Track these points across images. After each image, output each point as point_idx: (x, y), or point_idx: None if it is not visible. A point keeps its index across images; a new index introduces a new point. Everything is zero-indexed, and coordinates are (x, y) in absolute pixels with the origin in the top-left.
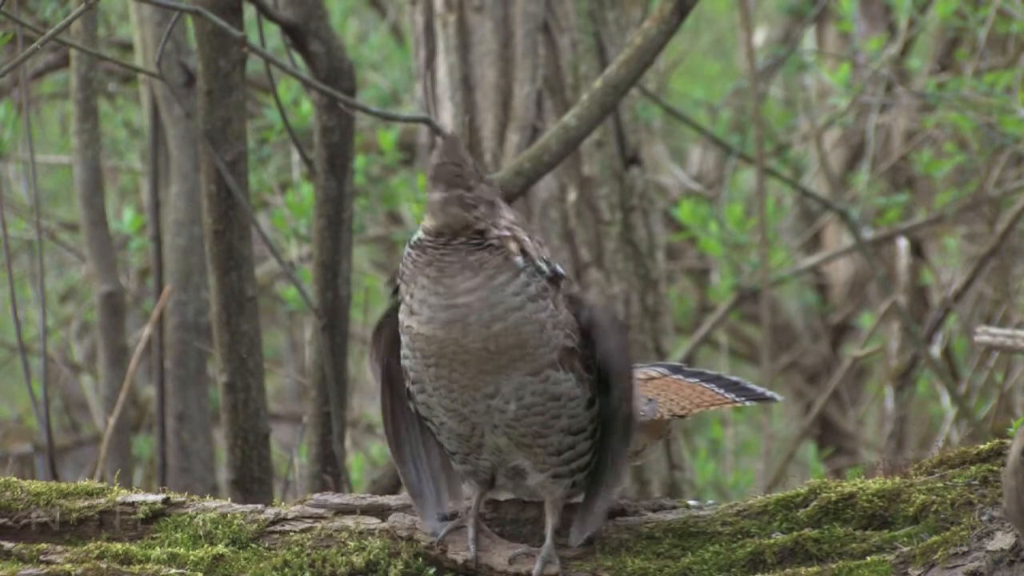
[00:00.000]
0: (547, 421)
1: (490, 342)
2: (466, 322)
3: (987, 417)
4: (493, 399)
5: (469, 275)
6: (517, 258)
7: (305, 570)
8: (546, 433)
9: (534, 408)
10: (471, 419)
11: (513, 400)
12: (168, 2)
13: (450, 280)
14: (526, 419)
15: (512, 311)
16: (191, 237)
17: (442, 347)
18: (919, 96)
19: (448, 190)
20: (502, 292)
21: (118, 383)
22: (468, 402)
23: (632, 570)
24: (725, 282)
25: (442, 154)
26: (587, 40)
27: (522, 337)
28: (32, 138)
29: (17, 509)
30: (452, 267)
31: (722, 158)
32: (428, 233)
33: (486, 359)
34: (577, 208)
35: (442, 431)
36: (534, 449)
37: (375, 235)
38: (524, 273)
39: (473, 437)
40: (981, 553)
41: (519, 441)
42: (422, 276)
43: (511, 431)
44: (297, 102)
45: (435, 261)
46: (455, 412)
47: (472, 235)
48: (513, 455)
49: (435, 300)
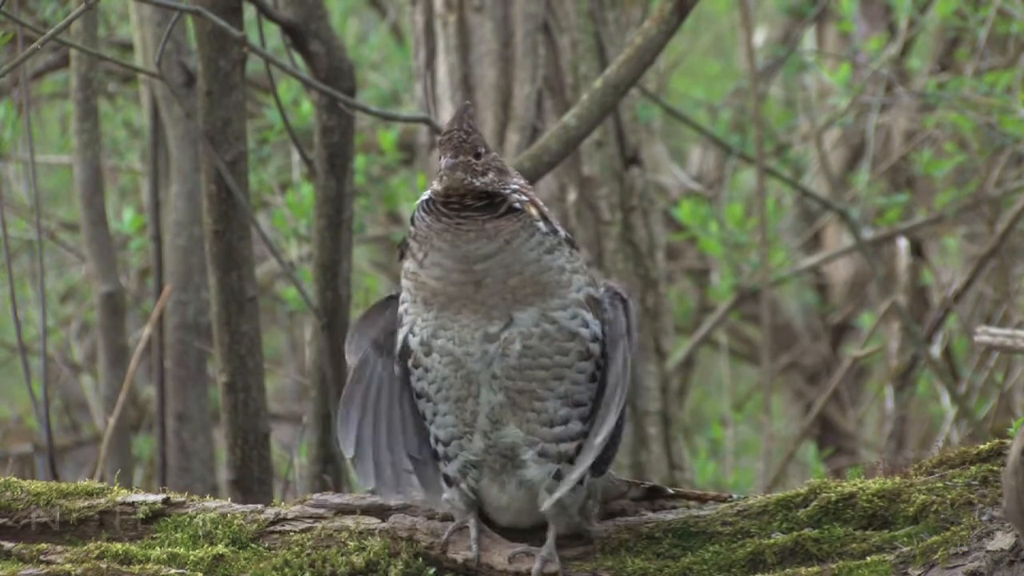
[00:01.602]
0: (549, 378)
1: (506, 293)
2: (481, 284)
3: (987, 417)
4: (495, 342)
5: (485, 242)
6: (540, 223)
7: (305, 570)
8: (544, 395)
9: (543, 345)
10: (467, 366)
11: (519, 340)
12: (168, 2)
13: (467, 247)
14: (528, 370)
15: (528, 264)
16: (191, 237)
17: (450, 298)
18: (919, 96)
19: (456, 156)
20: (517, 252)
21: (118, 383)
22: (467, 341)
23: (632, 570)
24: (725, 282)
25: (452, 122)
26: (587, 40)
27: (541, 282)
28: (32, 138)
29: (17, 509)
30: (468, 235)
31: (722, 158)
32: (436, 196)
33: (499, 301)
34: (577, 208)
35: (438, 410)
36: (528, 413)
37: (375, 235)
38: (539, 232)
39: (468, 400)
40: (981, 553)
41: (515, 400)
42: (438, 239)
43: (510, 383)
44: (297, 102)
45: (451, 228)
46: (452, 359)
47: (482, 197)
48: (506, 423)
49: (450, 263)
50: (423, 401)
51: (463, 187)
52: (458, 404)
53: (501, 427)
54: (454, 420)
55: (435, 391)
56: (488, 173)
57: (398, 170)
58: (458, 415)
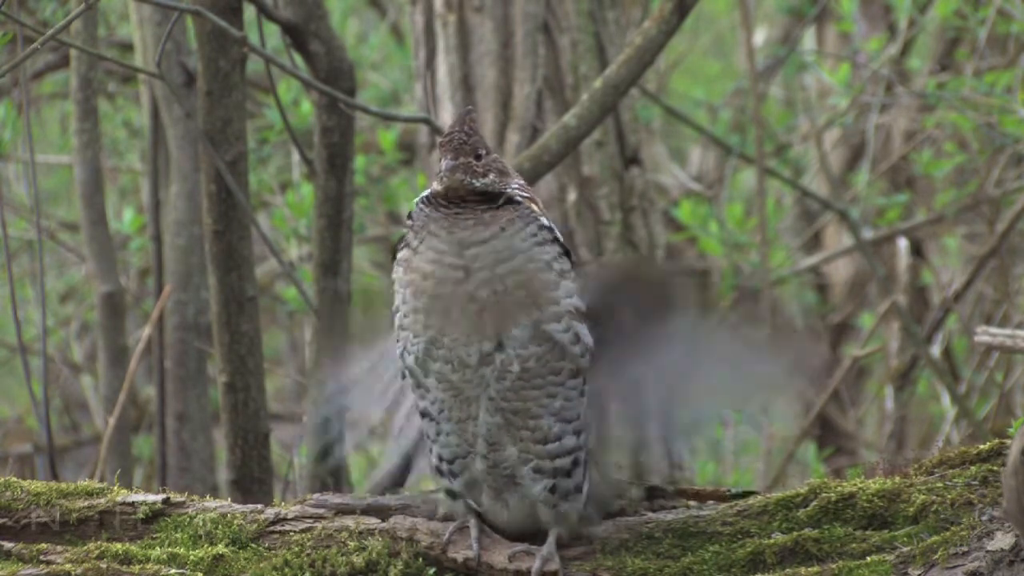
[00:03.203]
0: (543, 397)
1: (495, 283)
2: (471, 271)
3: (987, 417)
4: (490, 365)
5: (481, 228)
6: (542, 218)
7: (305, 570)
8: (538, 413)
9: (538, 366)
10: (465, 392)
11: (516, 362)
12: (168, 2)
13: (462, 233)
14: (523, 391)
15: (518, 253)
16: (191, 237)
17: (438, 285)
18: (919, 96)
19: (456, 158)
20: (510, 240)
21: (118, 383)
22: (462, 363)
23: (632, 570)
24: (725, 282)
25: (453, 124)
26: (587, 40)
27: (527, 276)
28: (32, 138)
29: (17, 509)
30: (465, 222)
31: (722, 158)
32: (437, 196)
33: (489, 306)
34: (577, 208)
35: (441, 429)
36: (522, 432)
37: (375, 235)
38: (533, 224)
39: (468, 422)
40: (981, 553)
41: (510, 420)
42: (435, 226)
43: (506, 404)
44: (297, 102)
45: (450, 217)
46: (449, 385)
47: (481, 197)
48: (503, 443)
49: (444, 247)
50: (426, 420)
51: (463, 188)
52: (460, 425)
53: (498, 448)
54: (457, 440)
55: (437, 411)
56: (489, 174)
57: (398, 170)
58: (460, 435)
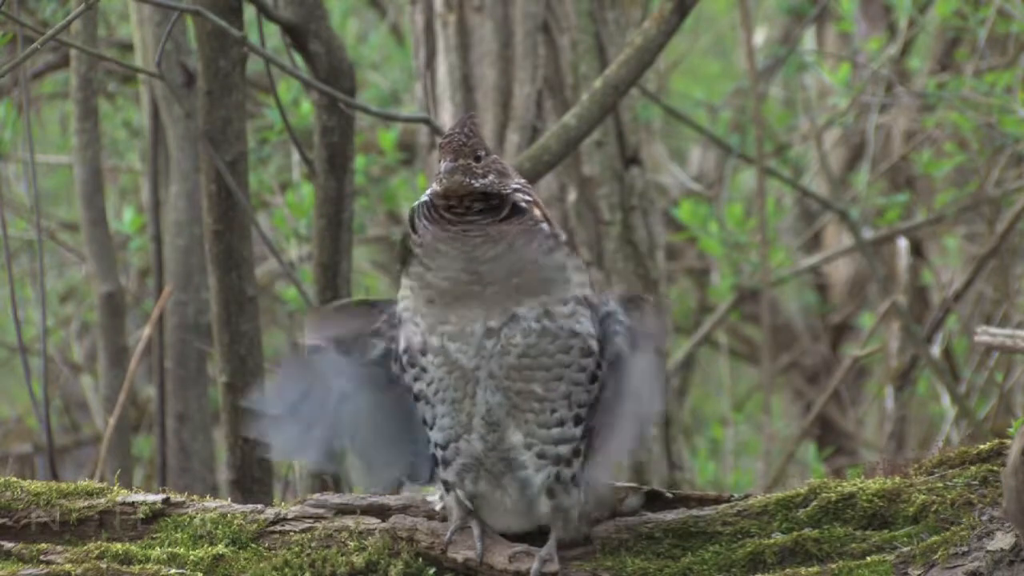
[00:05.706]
0: (550, 379)
1: (510, 290)
2: (486, 281)
3: (987, 417)
4: (493, 338)
5: (491, 246)
6: (543, 224)
7: (305, 570)
8: (544, 395)
9: (544, 343)
10: (461, 364)
11: (519, 335)
12: (168, 2)
13: (473, 252)
14: (528, 370)
15: (530, 263)
16: (191, 237)
17: (455, 297)
18: (919, 96)
19: (455, 159)
20: (520, 253)
21: (118, 383)
22: (463, 336)
23: (632, 570)
24: (725, 282)
25: (453, 127)
26: (587, 40)
27: (542, 276)
28: (32, 138)
29: (17, 509)
30: (475, 239)
31: (722, 158)
32: (436, 198)
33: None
34: (577, 208)
35: (436, 412)
36: (527, 414)
37: (375, 235)
38: (540, 235)
39: (464, 402)
40: (981, 553)
41: (514, 401)
42: (444, 246)
43: (510, 383)
44: (297, 102)
45: (459, 236)
46: (445, 359)
47: (482, 199)
48: (505, 425)
49: (458, 266)
50: (422, 404)
51: (462, 189)
52: (454, 406)
53: (499, 429)
54: (451, 422)
55: (432, 392)
56: (488, 175)
57: (398, 170)
58: (454, 416)
